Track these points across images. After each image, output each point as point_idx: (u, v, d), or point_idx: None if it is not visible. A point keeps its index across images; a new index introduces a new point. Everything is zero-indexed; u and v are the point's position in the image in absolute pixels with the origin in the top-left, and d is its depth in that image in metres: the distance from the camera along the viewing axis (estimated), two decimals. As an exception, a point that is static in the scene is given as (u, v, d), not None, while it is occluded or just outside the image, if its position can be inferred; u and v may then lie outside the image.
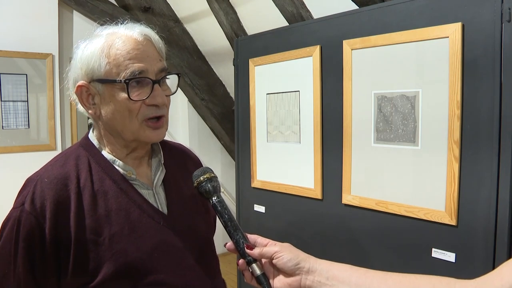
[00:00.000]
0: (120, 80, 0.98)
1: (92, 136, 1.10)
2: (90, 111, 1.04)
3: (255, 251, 0.92)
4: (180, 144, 1.33)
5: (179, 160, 1.24)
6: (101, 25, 1.08)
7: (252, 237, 0.97)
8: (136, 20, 1.09)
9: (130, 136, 1.03)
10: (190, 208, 1.16)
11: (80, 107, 1.06)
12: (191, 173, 1.06)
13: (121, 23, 1.06)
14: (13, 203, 1.02)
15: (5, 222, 0.98)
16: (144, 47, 1.01)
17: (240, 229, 0.97)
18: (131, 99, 0.98)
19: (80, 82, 1.01)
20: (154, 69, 1.02)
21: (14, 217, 0.97)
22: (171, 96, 1.09)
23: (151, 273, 1.01)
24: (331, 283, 0.88)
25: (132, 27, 1.04)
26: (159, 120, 1.05)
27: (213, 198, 0.99)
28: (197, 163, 1.31)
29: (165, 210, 1.10)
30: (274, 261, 0.91)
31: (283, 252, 0.90)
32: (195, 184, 1.01)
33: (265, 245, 0.94)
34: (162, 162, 1.15)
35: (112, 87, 0.99)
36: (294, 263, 0.89)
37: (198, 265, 1.10)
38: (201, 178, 1.00)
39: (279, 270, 0.92)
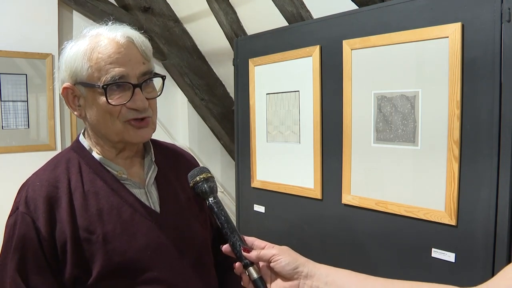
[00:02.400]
0: (99, 85, 0.98)
1: (83, 139, 1.11)
2: (75, 113, 1.05)
3: (253, 254, 0.90)
4: (172, 144, 1.34)
5: (171, 159, 1.24)
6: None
7: (249, 240, 0.94)
8: (136, 20, 1.09)
9: (115, 137, 1.04)
10: (184, 206, 1.16)
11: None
12: (186, 171, 1.06)
13: (106, 24, 1.05)
14: (12, 203, 1.03)
15: (5, 231, 1.00)
16: (126, 50, 1.00)
17: (237, 231, 0.94)
18: (110, 104, 0.98)
19: (66, 84, 1.02)
20: (136, 72, 1.01)
21: (10, 223, 0.99)
22: (170, 97, 1.10)
23: (145, 271, 1.01)
24: None
25: (116, 28, 1.03)
26: (143, 120, 1.04)
27: (210, 199, 0.97)
28: (191, 161, 1.31)
29: (157, 209, 1.10)
30: (272, 264, 0.88)
31: (281, 256, 0.88)
32: (191, 184, 0.99)
33: (263, 248, 0.92)
34: (153, 160, 1.16)
35: (94, 91, 1.00)
36: (292, 267, 0.87)
37: (191, 263, 1.10)
38: (197, 178, 0.98)
39: (276, 274, 0.89)
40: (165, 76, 1.11)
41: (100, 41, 1.00)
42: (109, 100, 0.98)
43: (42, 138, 3.10)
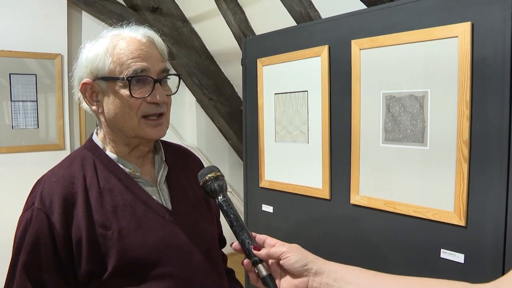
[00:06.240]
0: (123, 78, 1.03)
1: (96, 138, 1.15)
2: (93, 108, 1.09)
3: (262, 252, 0.91)
4: (180, 145, 1.38)
5: (180, 159, 1.28)
6: (110, 25, 1.12)
7: (261, 237, 0.96)
8: (145, 20, 1.12)
9: (131, 132, 1.08)
10: (193, 205, 1.20)
11: (85, 105, 1.11)
12: (193, 171, 1.08)
13: (125, 25, 1.10)
14: (23, 201, 1.05)
15: (18, 226, 1.02)
16: (147, 48, 1.07)
17: (246, 229, 0.95)
18: (132, 96, 1.03)
19: (85, 80, 1.06)
20: (156, 69, 1.07)
21: (26, 218, 1.01)
22: (179, 97, 1.13)
23: (158, 266, 1.04)
24: (339, 285, 0.85)
25: (136, 29, 1.09)
26: (159, 117, 1.09)
27: (219, 198, 0.98)
28: (199, 162, 1.35)
29: (169, 206, 1.13)
30: (281, 261, 0.89)
31: (291, 253, 0.88)
32: (201, 183, 1.01)
33: (273, 246, 0.93)
34: (164, 159, 1.19)
35: (115, 84, 1.04)
36: (301, 264, 0.87)
37: (203, 259, 1.13)
38: (207, 177, 1.00)
39: (286, 271, 0.90)
40: (181, 75, 1.15)
41: (122, 39, 1.05)
42: (132, 93, 1.03)
43: (51, 137, 3.13)
